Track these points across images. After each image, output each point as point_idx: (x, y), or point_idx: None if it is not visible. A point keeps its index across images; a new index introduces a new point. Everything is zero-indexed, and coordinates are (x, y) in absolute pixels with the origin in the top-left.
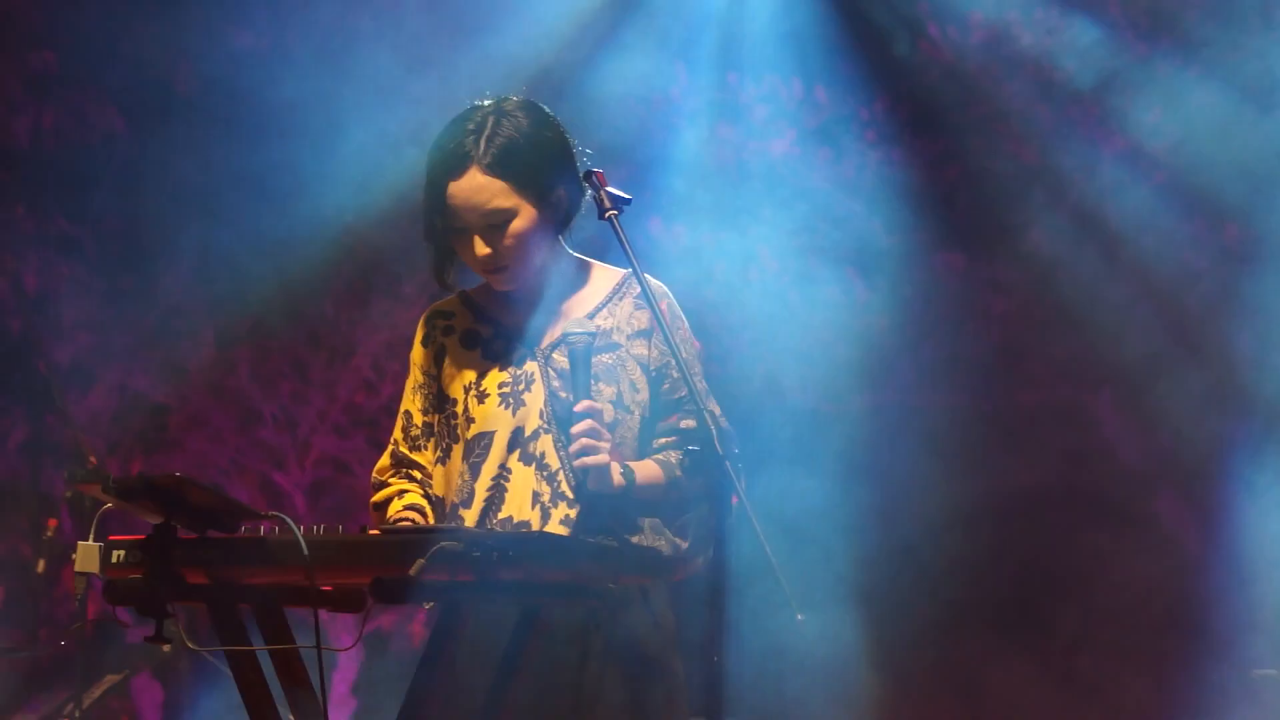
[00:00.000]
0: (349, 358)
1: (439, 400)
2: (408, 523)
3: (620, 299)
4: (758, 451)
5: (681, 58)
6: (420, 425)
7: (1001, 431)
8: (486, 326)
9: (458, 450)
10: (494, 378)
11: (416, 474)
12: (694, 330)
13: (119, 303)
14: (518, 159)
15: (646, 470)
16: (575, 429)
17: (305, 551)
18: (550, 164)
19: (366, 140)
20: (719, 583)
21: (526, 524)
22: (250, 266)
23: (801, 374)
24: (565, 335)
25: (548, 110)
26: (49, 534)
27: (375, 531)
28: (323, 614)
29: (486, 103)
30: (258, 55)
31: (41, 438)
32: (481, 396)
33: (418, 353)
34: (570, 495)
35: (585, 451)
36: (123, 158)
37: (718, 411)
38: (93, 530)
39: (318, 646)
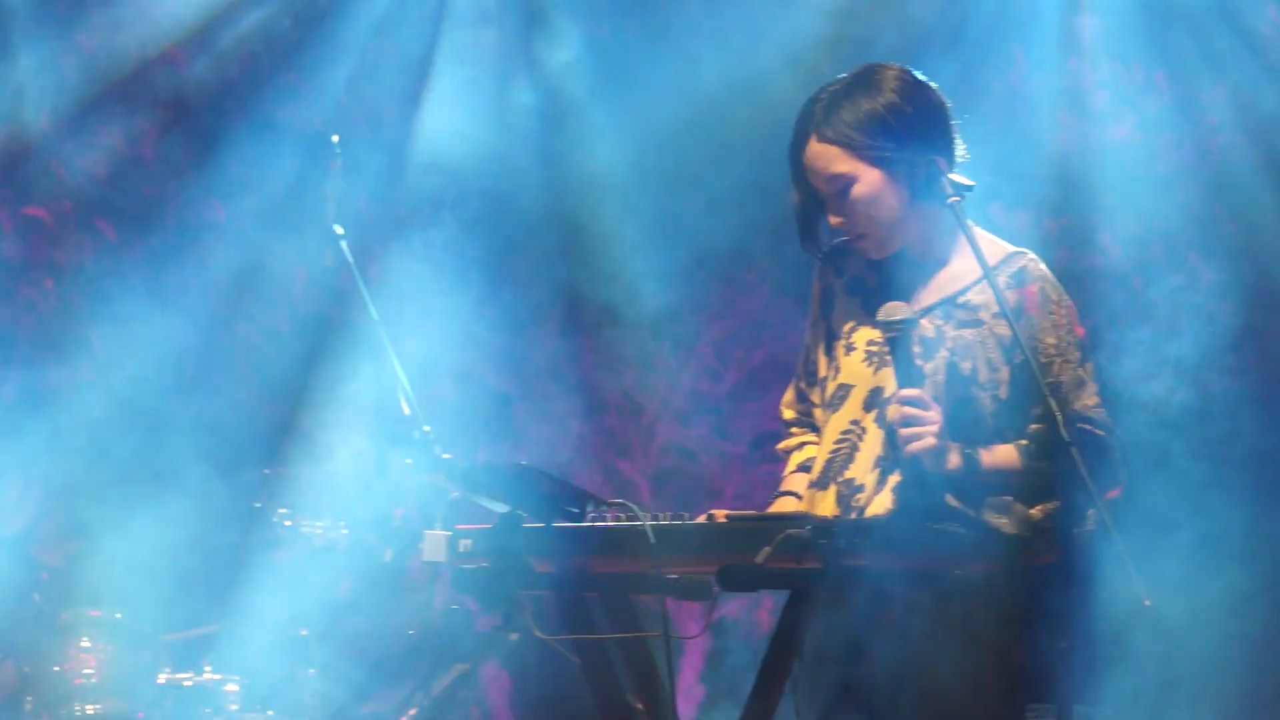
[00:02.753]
0: (692, 345)
1: (828, 340)
2: (791, 496)
3: (995, 277)
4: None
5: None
6: (815, 361)
7: None
8: (873, 276)
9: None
10: (865, 333)
11: (817, 412)
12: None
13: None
14: (851, 124)
15: (998, 454)
16: (891, 418)
17: (652, 540)
18: (890, 128)
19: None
20: (1070, 570)
21: (862, 488)
22: (591, 255)
23: None
24: (887, 323)
25: (913, 78)
26: (396, 523)
27: (721, 518)
28: (669, 602)
29: (848, 72)
30: None
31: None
32: (849, 348)
33: (815, 289)
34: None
35: (911, 438)
36: None
37: (1092, 402)
38: (440, 519)
39: (665, 635)
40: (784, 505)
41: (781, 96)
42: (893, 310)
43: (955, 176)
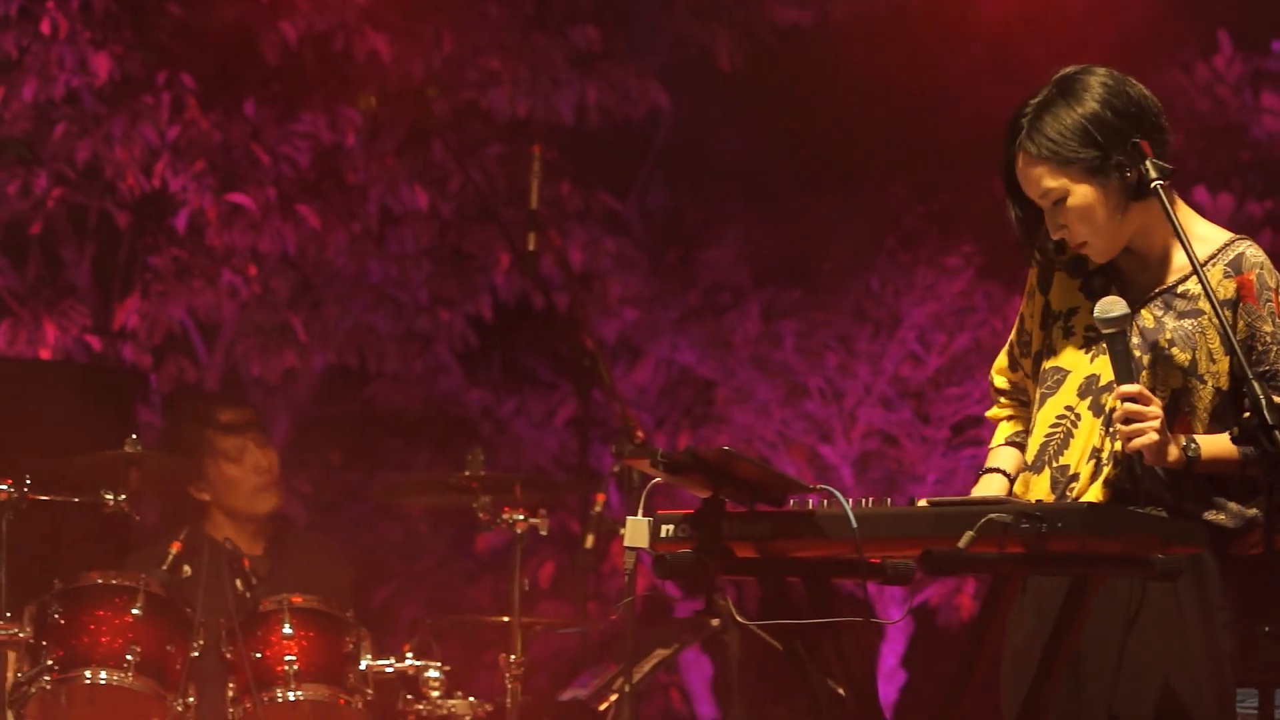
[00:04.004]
0: (894, 330)
1: (1044, 315)
2: (998, 474)
3: (1212, 265)
4: None
5: None
6: (1029, 333)
7: None
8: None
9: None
10: (1083, 318)
11: (1029, 384)
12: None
13: (664, 278)
14: (1055, 137)
15: (1216, 445)
16: (1116, 416)
17: (854, 524)
18: (1094, 138)
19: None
20: (1276, 560)
21: (1077, 476)
22: (790, 239)
23: None
24: (1105, 318)
25: (1113, 80)
26: (597, 509)
27: (924, 503)
28: (871, 586)
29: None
30: (801, 29)
31: (589, 413)
32: (1067, 331)
33: (1035, 261)
34: (1120, 456)
35: (1133, 435)
36: (666, 133)
37: None
38: (641, 505)
39: (866, 619)
40: (990, 484)
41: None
42: (1109, 306)
43: (1157, 160)
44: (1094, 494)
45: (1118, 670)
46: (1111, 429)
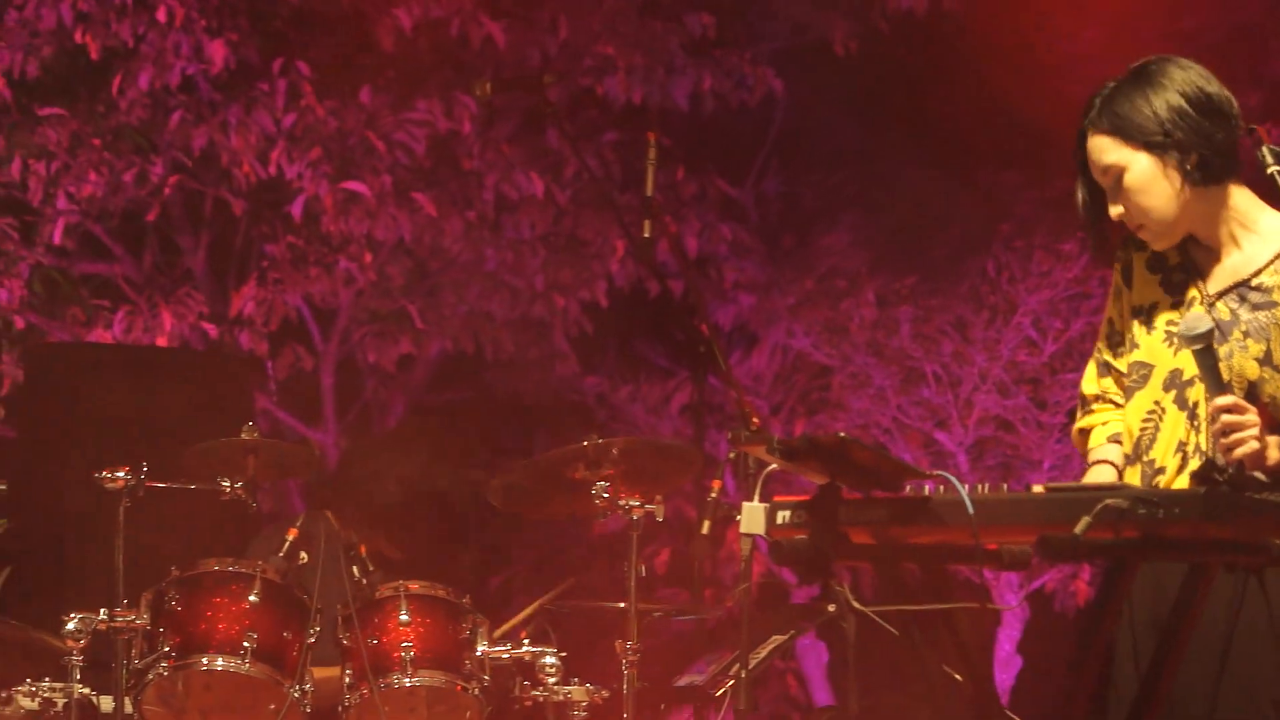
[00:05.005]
0: (1010, 316)
1: (1130, 311)
2: (1106, 465)
3: None
4: None
5: None
6: (1120, 333)
7: None
8: (1175, 253)
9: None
10: (1164, 314)
11: (1124, 383)
12: None
13: (780, 263)
14: (1121, 113)
15: None
16: (1214, 429)
17: (970, 510)
18: (1159, 117)
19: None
20: None
21: (1163, 470)
22: (904, 226)
23: None
24: (1189, 336)
25: (1187, 66)
26: (713, 495)
27: (1040, 489)
28: (987, 572)
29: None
30: (916, 16)
31: (704, 399)
32: (1149, 327)
33: (1118, 261)
34: (1205, 450)
35: (1233, 445)
36: (781, 120)
37: None
38: (757, 491)
39: (983, 605)
40: (1100, 474)
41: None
42: (1194, 323)
43: (1275, 146)
44: (1180, 487)
45: (1223, 659)
46: (1196, 423)
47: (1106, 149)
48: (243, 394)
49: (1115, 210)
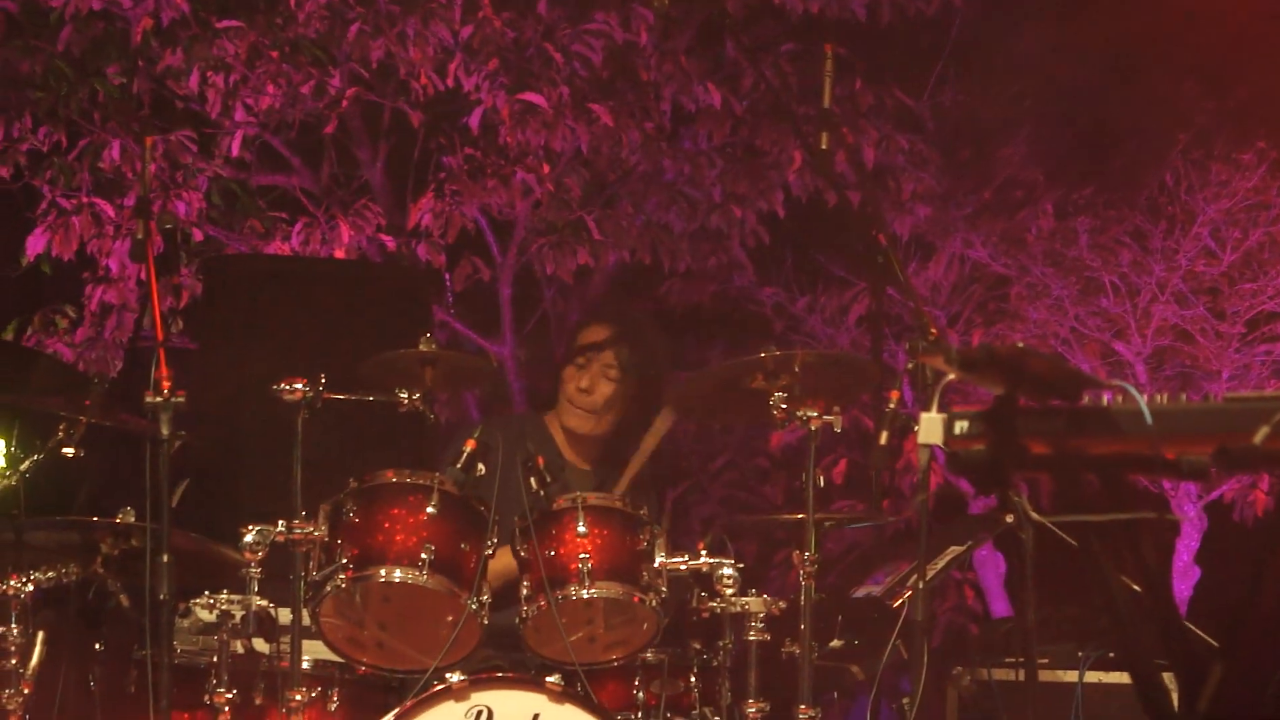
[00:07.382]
0: (1188, 226)
1: None
2: None
3: None
4: None
5: None
6: None
7: None
8: None
9: None
10: None
11: None
12: None
13: (957, 174)
14: None
15: None
16: None
17: (1149, 420)
18: None
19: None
20: None
21: None
22: (1082, 136)
23: None
24: None
25: None
26: (891, 406)
27: (1218, 399)
28: (1165, 482)
29: None
30: None
31: (882, 310)
32: None
33: None
34: None
35: None
36: (959, 30)
37: None
38: (935, 402)
39: (1161, 515)
40: None
41: None
42: None
43: None
44: None
45: None
46: None
47: None
48: (420, 305)
49: None
